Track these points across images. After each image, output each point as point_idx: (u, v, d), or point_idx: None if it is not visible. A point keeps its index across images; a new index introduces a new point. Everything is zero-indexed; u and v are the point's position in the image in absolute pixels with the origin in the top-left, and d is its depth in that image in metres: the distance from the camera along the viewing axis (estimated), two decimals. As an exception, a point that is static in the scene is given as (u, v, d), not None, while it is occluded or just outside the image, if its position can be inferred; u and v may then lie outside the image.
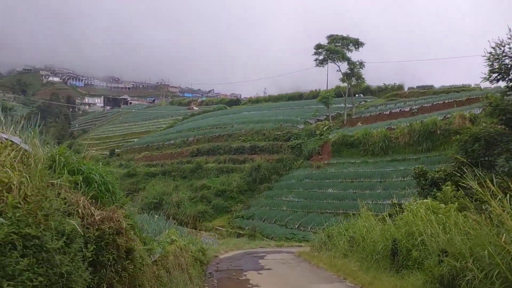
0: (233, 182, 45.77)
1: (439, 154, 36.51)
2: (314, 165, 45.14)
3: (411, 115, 46.03)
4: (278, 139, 51.47)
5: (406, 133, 40.66)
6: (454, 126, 36.97)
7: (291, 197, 41.06)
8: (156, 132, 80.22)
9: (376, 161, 40.96)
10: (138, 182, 54.73)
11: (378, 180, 37.58)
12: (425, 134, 38.55)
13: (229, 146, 54.19)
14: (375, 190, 36.09)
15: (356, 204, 34.17)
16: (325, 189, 39.71)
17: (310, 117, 56.19)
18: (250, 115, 64.51)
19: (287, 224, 36.50)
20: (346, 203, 35.93)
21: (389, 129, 43.05)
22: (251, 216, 39.98)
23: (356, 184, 38.19)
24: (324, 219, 34.94)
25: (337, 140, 45.39)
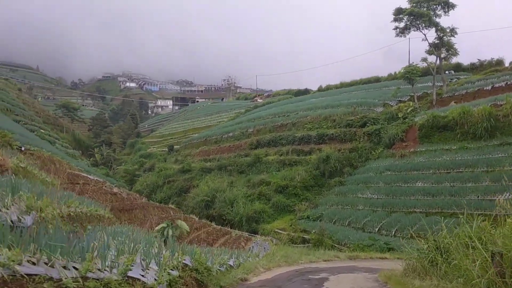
0: (296, 177, 39.82)
1: None
2: (397, 154, 37.95)
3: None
4: (351, 125, 44.65)
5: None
6: None
7: (369, 194, 34.44)
8: (217, 126, 76.27)
9: (479, 146, 33.07)
10: (192, 179, 50.74)
11: (484, 169, 30.00)
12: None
13: (292, 135, 48.23)
14: (480, 182, 28.72)
15: (455, 201, 26.91)
16: (412, 183, 32.69)
17: (390, 98, 48.60)
18: (318, 101, 58.05)
19: (364, 227, 30.05)
20: (442, 199, 28.96)
21: (494, 106, 34.61)
22: (318, 217, 33.87)
23: (454, 176, 30.77)
24: (412, 220, 28.17)
25: (426, 122, 37.75)
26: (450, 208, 27.80)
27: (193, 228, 25.32)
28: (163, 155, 72.51)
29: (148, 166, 67.37)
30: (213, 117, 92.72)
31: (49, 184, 15.38)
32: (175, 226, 14.75)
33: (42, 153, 26.14)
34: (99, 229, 8.99)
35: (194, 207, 41.72)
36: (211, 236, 23.39)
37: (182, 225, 14.40)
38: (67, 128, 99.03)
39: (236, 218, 36.92)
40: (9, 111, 62.53)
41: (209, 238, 22.36)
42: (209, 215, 39.99)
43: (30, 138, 38.36)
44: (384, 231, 28.80)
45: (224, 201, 39.60)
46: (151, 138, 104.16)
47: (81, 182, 23.68)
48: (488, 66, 55.90)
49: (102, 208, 17.52)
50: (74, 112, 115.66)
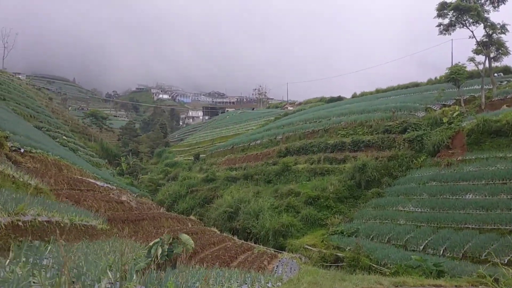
0: (329, 187, 36.59)
1: None
2: (442, 163, 34.26)
3: None
4: (389, 131, 41.16)
5: None
6: None
7: (411, 207, 30.99)
8: (245, 134, 73.74)
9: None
10: (217, 188, 48.23)
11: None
12: None
13: (324, 142, 45.05)
14: None
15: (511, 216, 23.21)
16: (461, 195, 29.19)
17: (433, 102, 44.84)
18: (353, 106, 54.53)
19: (406, 245, 26.70)
20: (498, 214, 25.63)
21: (559, 108, 30.65)
22: (354, 232, 30.63)
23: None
24: (464, 237, 24.64)
25: (476, 127, 33.99)
26: (508, 224, 24.24)
27: (210, 243, 22.56)
28: (188, 164, 70.41)
29: (172, 175, 65.37)
30: (241, 125, 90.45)
31: (32, 190, 12.97)
32: (178, 241, 11.92)
33: (46, 157, 24.09)
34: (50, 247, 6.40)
35: (216, 219, 39.11)
36: (229, 253, 20.54)
37: (186, 240, 11.54)
38: (95, 137, 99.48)
39: (261, 232, 33.98)
40: (32, 118, 62.14)
41: (226, 255, 19.52)
42: (232, 227, 37.23)
43: (46, 143, 36.71)
44: (430, 249, 25.37)
45: (249, 212, 36.74)
46: (179, 147, 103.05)
47: (83, 188, 21.40)
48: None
49: (95, 218, 14.98)
50: (102, 121, 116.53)
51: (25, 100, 69.49)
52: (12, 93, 66.60)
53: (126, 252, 8.31)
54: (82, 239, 12.77)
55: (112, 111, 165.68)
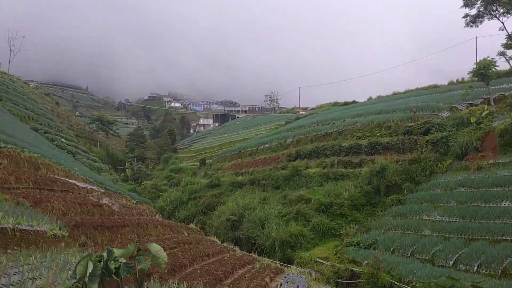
0: (343, 193, 33.36)
1: None
2: (471, 167, 30.93)
3: None
4: (410, 133, 37.89)
5: None
6: None
7: (437, 216, 27.73)
8: (253, 138, 70.73)
9: None
10: (221, 194, 45.28)
11: None
12: None
13: (338, 145, 41.84)
14: None
15: None
16: (496, 203, 25.91)
17: (459, 101, 41.36)
18: (369, 107, 51.17)
19: (434, 259, 23.43)
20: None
21: None
22: (371, 243, 27.43)
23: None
24: (502, 251, 21.30)
25: (509, 128, 30.54)
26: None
27: (203, 255, 19.50)
28: (193, 170, 67.52)
29: (175, 181, 62.46)
30: (251, 130, 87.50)
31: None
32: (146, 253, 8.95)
33: (18, 153, 21.33)
34: None
35: (218, 228, 36.05)
36: (225, 267, 17.46)
37: (156, 253, 8.52)
38: (101, 143, 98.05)
39: (266, 243, 30.76)
40: (30, 119, 60.12)
41: (220, 270, 16.43)
42: (235, 237, 34.12)
43: (36, 144, 34.12)
44: (462, 265, 22.02)
45: (254, 221, 33.56)
46: (186, 153, 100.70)
47: (57, 189, 18.56)
48: None
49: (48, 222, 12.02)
50: (109, 126, 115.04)
51: (25, 102, 67.54)
52: (10, 93, 64.64)
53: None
54: (17, 248, 9.81)
55: (123, 118, 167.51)
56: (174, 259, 16.80)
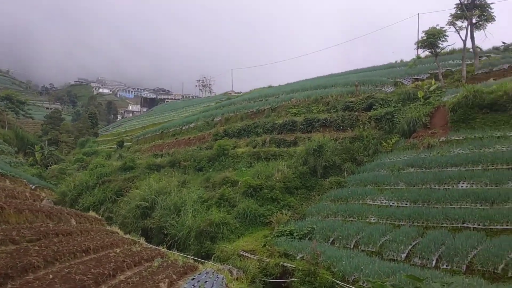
0: (275, 174, 28.92)
1: None
2: (420, 145, 27.55)
3: None
4: (351, 109, 34.27)
5: None
6: None
7: (384, 200, 23.90)
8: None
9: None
10: (135, 178, 39.50)
11: None
12: None
13: (271, 122, 37.45)
14: None
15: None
16: (452, 184, 22.54)
17: (404, 75, 38.18)
18: (306, 82, 47.12)
19: (382, 251, 19.48)
20: (508, 208, 18.26)
21: None
22: (307, 233, 23.15)
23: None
24: (465, 241, 17.63)
25: (463, 101, 27.35)
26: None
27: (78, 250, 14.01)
28: (109, 152, 60.65)
29: (85, 163, 55.35)
30: (178, 112, 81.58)
31: None
32: None
33: None
34: None
35: (126, 216, 30.34)
36: (104, 267, 12.10)
37: None
38: (10, 124, 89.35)
39: (181, 233, 25.50)
40: None
41: (92, 273, 11.09)
42: (145, 227, 28.58)
43: None
44: (417, 258, 18.11)
45: (168, 207, 28.21)
46: (106, 136, 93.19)
47: None
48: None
49: None
50: (20, 106, 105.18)
51: None
52: None
53: None
54: None
55: (45, 103, 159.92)
56: (20, 257, 11.27)
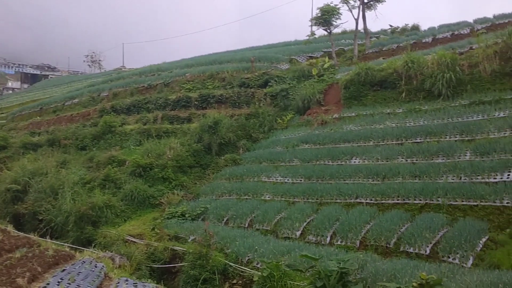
0: (167, 152, 27.13)
1: None
2: (314, 122, 27.58)
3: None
4: (247, 85, 33.53)
5: (493, 54, 23.41)
6: None
7: (278, 177, 23.39)
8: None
9: (438, 107, 23.96)
10: (8, 159, 35.10)
11: (458, 137, 20.31)
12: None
13: (164, 98, 35.50)
14: (456, 156, 18.63)
15: (425, 185, 17.05)
16: (345, 160, 22.55)
17: (298, 53, 38.27)
18: (201, 58, 45.50)
19: (277, 229, 18.91)
20: (400, 183, 18.76)
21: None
22: (200, 213, 21.97)
23: (411, 148, 20.95)
24: (359, 216, 17.60)
25: (356, 78, 27.75)
26: (416, 197, 17.64)
27: None
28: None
29: None
30: (62, 87, 75.14)
31: None
32: None
33: None
34: None
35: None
36: None
37: None
38: None
39: (58, 218, 22.89)
40: None
41: None
42: (17, 213, 25.39)
43: None
44: (311, 235, 17.72)
45: (43, 190, 25.23)
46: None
47: None
48: (403, 31, 48.61)
49: None
50: None
51: None
52: None
53: None
54: None
55: None
56: None
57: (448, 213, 16.27)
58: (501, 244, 14.52)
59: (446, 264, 13.52)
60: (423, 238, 15.08)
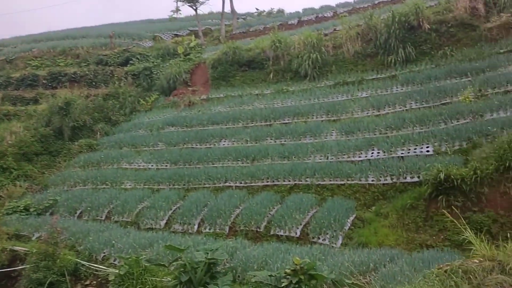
0: (7, 137, 23.31)
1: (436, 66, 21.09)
2: (181, 103, 26.19)
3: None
4: (105, 63, 30.93)
5: (355, 36, 24.17)
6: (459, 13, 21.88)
7: (141, 163, 21.78)
8: None
9: (304, 88, 24.17)
10: None
11: (324, 117, 20.47)
12: (400, 32, 22.46)
13: (6, 76, 31.02)
14: (323, 136, 18.77)
15: (294, 166, 16.75)
16: (214, 143, 21.40)
17: (163, 30, 36.14)
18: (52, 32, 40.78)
19: (139, 220, 17.26)
20: (269, 165, 18.39)
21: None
22: (49, 206, 19.44)
23: (280, 129, 20.61)
24: (229, 201, 16.74)
25: (224, 57, 26.86)
26: (286, 178, 17.32)
27: None
28: None
29: None
30: None
31: None
32: None
33: None
34: None
35: None
36: None
37: None
38: None
39: None
40: None
41: None
42: None
43: None
44: (177, 224, 16.55)
45: None
46: None
47: None
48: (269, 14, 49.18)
49: None
50: None
51: None
52: None
53: None
54: None
55: None
56: None
57: (317, 193, 16.18)
58: (367, 222, 14.65)
59: (317, 245, 13.22)
60: (293, 220, 14.67)
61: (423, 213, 13.79)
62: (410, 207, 14.09)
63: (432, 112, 18.06)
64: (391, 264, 10.99)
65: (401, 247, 13.12)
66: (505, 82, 17.79)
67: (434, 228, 13.38)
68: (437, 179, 13.33)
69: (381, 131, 18.05)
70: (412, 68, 21.81)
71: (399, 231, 13.76)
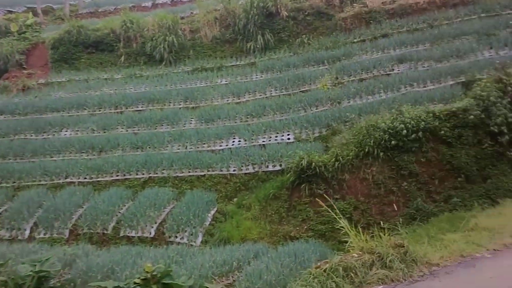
0: None
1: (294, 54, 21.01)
2: (14, 88, 22.57)
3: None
4: None
5: (213, 20, 23.18)
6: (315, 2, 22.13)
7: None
8: None
9: (160, 73, 22.51)
10: None
11: (182, 104, 19.24)
12: (259, 18, 22.06)
13: None
14: (181, 124, 17.81)
15: (142, 157, 15.11)
16: (53, 133, 18.87)
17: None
18: None
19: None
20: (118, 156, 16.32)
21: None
22: None
23: (133, 116, 19.05)
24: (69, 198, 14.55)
25: (66, 37, 23.88)
26: (139, 170, 15.68)
27: None
28: None
29: None
30: None
31: None
32: None
33: None
34: None
35: None
36: None
37: None
38: None
39: None
40: None
41: None
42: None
43: None
44: (5, 231, 14.03)
45: None
46: None
47: None
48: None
49: None
50: None
51: None
52: None
53: None
54: None
55: None
56: None
57: (174, 186, 14.85)
58: (229, 215, 13.68)
59: (174, 245, 11.91)
60: (147, 218, 13.15)
61: (286, 203, 13.22)
62: (272, 197, 13.45)
63: (292, 99, 17.83)
64: (256, 260, 10.10)
65: (265, 240, 12.39)
66: (360, 70, 18.27)
67: (297, 218, 12.89)
68: (299, 167, 12.87)
69: (242, 119, 17.32)
70: (271, 55, 21.45)
71: (262, 223, 13.01)
